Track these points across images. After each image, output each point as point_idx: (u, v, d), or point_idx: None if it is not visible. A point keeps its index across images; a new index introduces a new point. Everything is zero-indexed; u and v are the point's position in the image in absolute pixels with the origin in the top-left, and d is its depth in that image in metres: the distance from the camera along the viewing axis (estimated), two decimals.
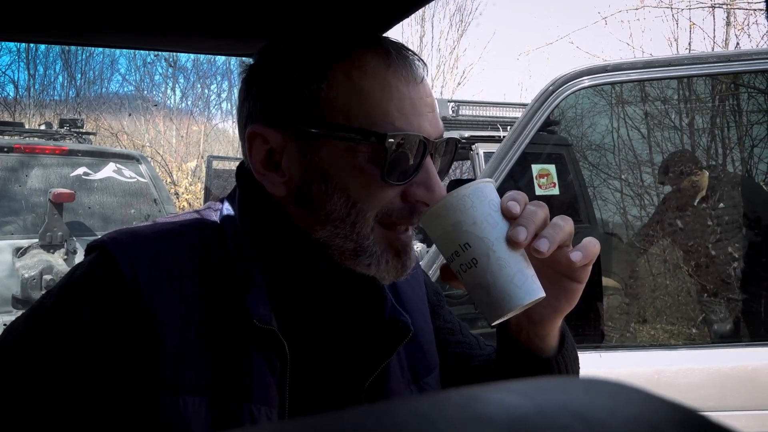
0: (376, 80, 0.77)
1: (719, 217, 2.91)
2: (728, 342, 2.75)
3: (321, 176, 0.78)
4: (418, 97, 0.78)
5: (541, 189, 3.39)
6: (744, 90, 3.05)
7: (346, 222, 0.77)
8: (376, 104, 0.76)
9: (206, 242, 0.79)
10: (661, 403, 0.20)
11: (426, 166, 0.78)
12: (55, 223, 4.73)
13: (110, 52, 15.46)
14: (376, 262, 0.78)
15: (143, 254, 0.75)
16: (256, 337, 0.74)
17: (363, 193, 0.77)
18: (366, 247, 0.78)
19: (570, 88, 2.36)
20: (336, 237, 0.78)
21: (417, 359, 0.89)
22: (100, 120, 13.27)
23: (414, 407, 0.19)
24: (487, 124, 4.84)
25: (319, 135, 0.77)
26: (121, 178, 5.55)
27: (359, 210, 0.77)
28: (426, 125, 0.78)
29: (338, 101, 0.77)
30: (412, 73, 0.79)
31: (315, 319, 0.81)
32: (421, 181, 0.78)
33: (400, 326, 0.83)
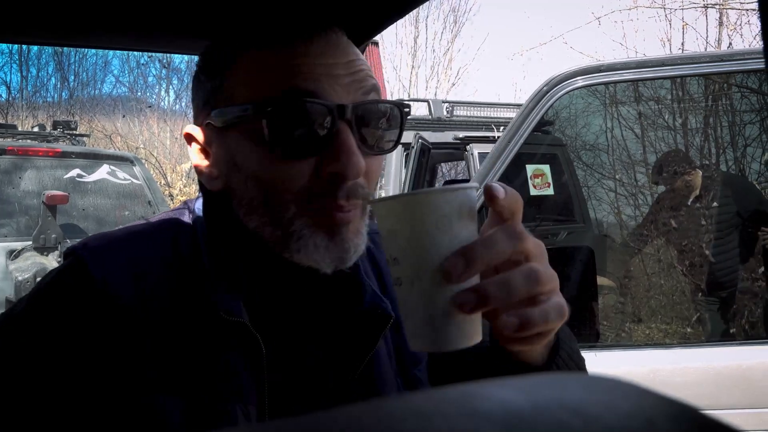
0: (271, 58, 0.74)
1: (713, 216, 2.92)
2: (722, 341, 2.76)
3: (234, 165, 0.76)
4: (321, 63, 0.73)
5: (535, 189, 3.40)
6: (737, 90, 3.07)
7: (267, 208, 0.73)
8: (266, 79, 0.73)
9: (178, 241, 0.78)
10: (657, 398, 0.20)
11: (337, 134, 0.71)
12: (48, 225, 4.70)
13: (103, 53, 15.43)
14: (305, 247, 0.72)
15: (114, 257, 0.74)
16: (227, 332, 0.72)
17: (269, 174, 0.73)
18: (292, 232, 0.73)
19: (564, 88, 2.36)
20: (264, 226, 0.74)
21: (404, 350, 0.85)
22: (94, 122, 13.25)
23: (410, 403, 0.19)
24: (481, 124, 4.85)
25: (225, 124, 0.75)
26: (115, 180, 5.53)
27: (273, 193, 0.73)
28: (331, 90, 0.72)
29: (237, 87, 0.75)
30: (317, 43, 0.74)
31: (290, 312, 0.79)
32: (331, 153, 0.71)
33: (380, 313, 0.80)
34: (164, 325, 0.72)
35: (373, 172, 0.76)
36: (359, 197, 0.72)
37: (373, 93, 0.76)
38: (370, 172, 0.75)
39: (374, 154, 0.76)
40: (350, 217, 0.73)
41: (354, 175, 0.71)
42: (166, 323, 0.72)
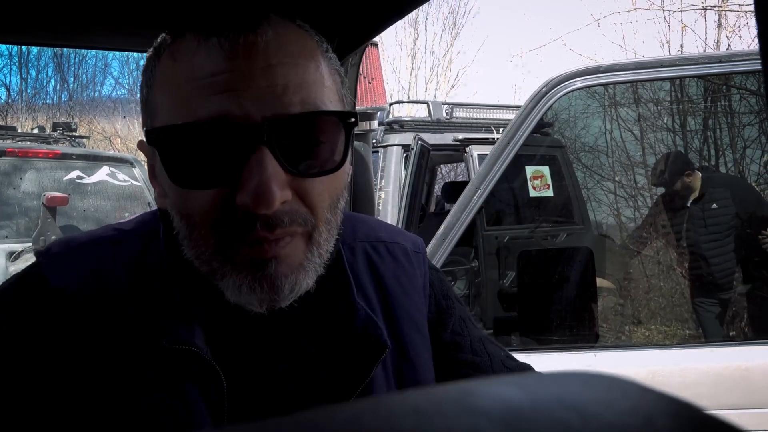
0: (177, 65, 0.64)
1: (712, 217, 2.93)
2: (722, 341, 2.76)
3: (163, 189, 0.68)
4: (228, 74, 0.61)
5: (535, 191, 3.41)
6: (736, 91, 3.07)
7: (191, 241, 0.65)
8: (171, 94, 0.64)
9: (147, 252, 0.70)
10: (656, 395, 0.20)
11: (250, 159, 0.60)
12: (48, 227, 4.71)
13: (103, 55, 15.43)
14: (227, 288, 0.64)
15: (74, 265, 0.68)
16: (184, 362, 0.64)
17: (184, 203, 0.64)
18: (216, 269, 0.64)
19: (563, 89, 2.36)
20: (194, 259, 0.66)
21: (406, 376, 0.76)
22: (94, 123, 13.25)
23: (409, 400, 0.19)
24: (480, 126, 4.85)
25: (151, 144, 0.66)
26: (115, 182, 5.53)
27: (192, 224, 0.64)
28: (239, 105, 0.60)
29: (152, 102, 0.68)
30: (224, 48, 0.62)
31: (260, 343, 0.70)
32: (243, 180, 0.60)
33: (373, 341, 0.71)
34: (120, 343, 0.65)
35: (314, 196, 0.64)
36: (286, 225, 0.62)
37: (310, 100, 0.63)
38: (308, 197, 0.64)
39: (309, 176, 0.64)
40: (278, 251, 0.63)
41: (265, 206, 0.59)
42: (122, 342, 0.65)
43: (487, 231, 3.75)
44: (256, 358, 0.70)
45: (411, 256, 0.84)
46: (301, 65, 0.64)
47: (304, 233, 0.65)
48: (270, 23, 0.65)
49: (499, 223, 3.81)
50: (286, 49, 0.64)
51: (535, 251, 2.81)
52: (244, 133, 0.60)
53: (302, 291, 0.66)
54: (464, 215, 2.36)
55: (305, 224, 0.64)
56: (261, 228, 0.61)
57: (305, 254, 0.66)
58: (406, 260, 0.83)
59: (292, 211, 0.63)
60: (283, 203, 0.61)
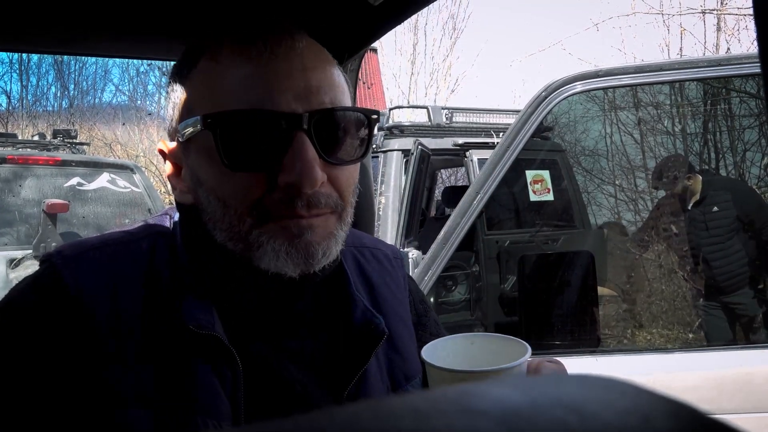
0: (222, 67, 0.72)
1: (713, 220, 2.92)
2: (723, 345, 2.76)
3: (197, 179, 0.74)
4: (272, 72, 0.70)
5: (535, 195, 3.41)
6: (735, 94, 3.07)
7: (224, 222, 0.72)
8: (215, 90, 0.71)
9: (155, 251, 0.76)
10: (653, 396, 0.20)
11: (291, 144, 0.69)
12: (49, 233, 4.71)
13: (103, 62, 15.47)
14: (265, 254, 0.70)
15: (88, 265, 0.72)
16: (200, 347, 0.70)
17: (224, 188, 0.71)
18: (251, 243, 0.71)
19: (562, 93, 2.37)
20: (227, 240, 0.72)
21: (396, 365, 0.84)
22: (94, 130, 13.27)
23: (408, 401, 0.19)
24: (480, 130, 4.85)
25: (188, 138, 0.73)
26: (116, 188, 5.53)
27: (228, 207, 0.71)
28: (283, 99, 0.69)
29: (192, 99, 0.74)
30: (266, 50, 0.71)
31: (272, 329, 0.76)
32: (286, 163, 0.68)
33: (372, 329, 0.78)
34: (137, 336, 0.69)
35: (342, 182, 0.74)
36: (321, 206, 0.71)
37: (337, 100, 0.73)
38: (338, 182, 0.73)
39: (339, 164, 0.73)
40: (313, 222, 0.71)
41: (310, 185, 0.68)
42: (139, 335, 0.70)
43: (488, 235, 3.75)
44: (269, 344, 0.75)
45: (392, 261, 0.95)
46: (328, 70, 0.74)
47: (334, 213, 0.74)
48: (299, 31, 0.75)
49: (499, 228, 3.81)
50: (317, 55, 0.74)
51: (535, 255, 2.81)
52: (289, 121, 0.69)
53: (332, 258, 0.74)
54: (464, 220, 2.37)
55: (336, 206, 0.73)
56: (300, 207, 0.69)
57: (336, 226, 0.74)
58: (388, 264, 0.93)
59: (326, 194, 0.71)
60: (321, 185, 0.70)
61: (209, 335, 0.70)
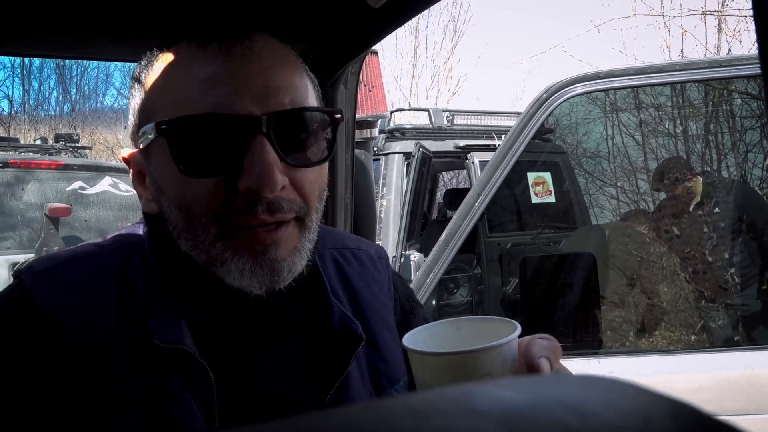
0: (176, 69, 0.70)
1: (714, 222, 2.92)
2: (726, 346, 2.75)
3: (158, 188, 0.73)
4: (228, 74, 0.68)
5: (537, 197, 3.40)
6: (737, 95, 3.07)
7: (189, 232, 0.70)
8: (171, 93, 0.69)
9: (127, 262, 0.74)
10: (654, 395, 0.20)
11: (249, 147, 0.66)
12: (51, 237, 4.72)
13: (105, 66, 15.50)
14: (230, 272, 0.69)
15: (58, 280, 0.70)
16: (171, 360, 0.68)
17: (185, 195, 0.69)
18: (215, 256, 0.69)
19: (563, 95, 2.37)
20: (192, 250, 0.71)
21: (379, 370, 0.82)
22: (96, 134, 13.30)
23: (408, 402, 0.19)
24: (482, 133, 4.85)
25: (147, 144, 0.72)
26: (117, 192, 5.54)
27: (192, 215, 0.69)
28: (240, 102, 0.67)
29: (151, 103, 0.72)
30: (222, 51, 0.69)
31: (244, 339, 0.74)
32: (245, 167, 0.66)
33: (350, 335, 0.76)
34: (110, 352, 0.68)
35: (306, 184, 0.72)
36: (284, 210, 0.69)
37: (298, 100, 0.71)
38: (300, 186, 0.71)
39: (301, 167, 0.71)
40: (278, 236, 0.69)
41: (270, 189, 0.66)
42: (112, 350, 0.68)
43: (490, 238, 3.75)
44: (242, 355, 0.73)
45: (375, 261, 0.92)
46: (289, 70, 0.72)
47: (298, 219, 0.71)
48: (259, 33, 0.73)
49: (501, 230, 3.80)
50: (276, 55, 0.72)
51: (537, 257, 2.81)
52: (246, 124, 0.67)
53: (297, 272, 0.72)
54: (466, 222, 2.36)
55: (299, 211, 0.71)
56: (262, 212, 0.67)
57: (299, 238, 0.72)
58: (371, 264, 0.91)
59: (288, 198, 0.69)
60: (282, 189, 0.68)
61: (177, 349, 0.68)
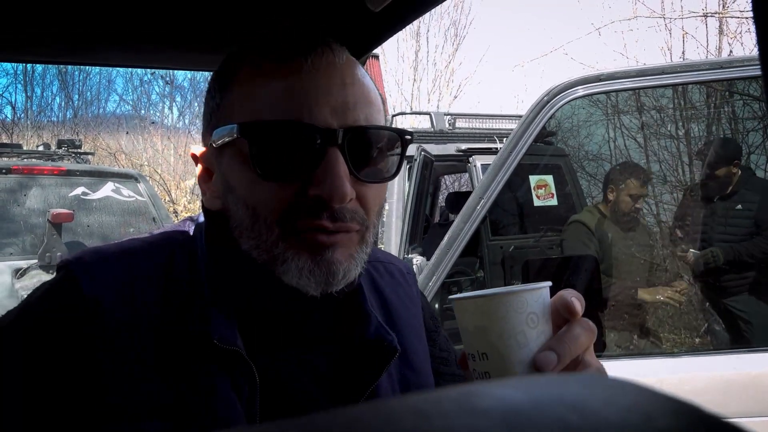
0: (261, 77, 0.73)
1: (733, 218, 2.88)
2: (731, 348, 2.74)
3: (227, 186, 0.75)
4: (311, 86, 0.71)
5: (539, 200, 3.40)
6: (739, 97, 3.07)
7: (253, 231, 0.72)
8: (254, 99, 0.73)
9: (174, 260, 0.76)
10: (655, 394, 0.20)
11: (324, 158, 0.69)
12: (54, 243, 4.72)
13: (107, 72, 15.55)
14: (289, 271, 0.71)
15: (106, 273, 0.72)
16: (220, 359, 0.70)
17: (254, 196, 0.72)
18: (277, 255, 0.71)
19: (564, 98, 2.37)
20: (253, 249, 0.73)
21: (409, 381, 0.84)
22: (98, 140, 13.32)
23: (409, 402, 0.19)
24: (483, 136, 4.86)
25: (222, 144, 0.74)
26: (120, 198, 5.55)
27: (258, 215, 0.72)
28: (320, 114, 0.70)
29: (233, 106, 0.75)
30: (307, 63, 0.72)
31: (288, 340, 0.77)
32: (317, 176, 0.70)
33: (385, 346, 0.78)
34: (155, 347, 0.69)
35: (370, 200, 0.74)
36: (347, 220, 0.71)
37: (372, 118, 0.74)
38: (365, 200, 0.74)
39: (368, 182, 0.74)
40: (337, 240, 0.72)
41: (339, 200, 0.69)
42: (157, 346, 0.70)
43: (492, 241, 3.75)
44: (284, 358, 0.76)
45: (406, 275, 0.95)
46: (366, 87, 0.76)
47: (359, 232, 0.74)
48: (340, 47, 0.76)
49: (503, 233, 3.80)
50: (355, 71, 0.75)
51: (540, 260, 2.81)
52: (324, 136, 0.70)
53: (351, 279, 0.74)
54: (468, 225, 2.36)
55: (361, 224, 0.73)
56: (325, 218, 0.70)
57: (357, 248, 0.74)
58: (402, 279, 0.94)
59: (353, 210, 0.72)
60: (349, 201, 0.71)
61: (231, 350, 0.70)
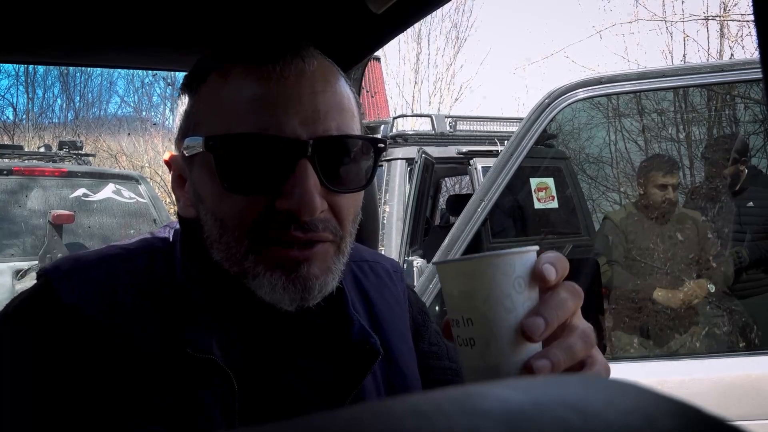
0: (230, 85, 0.71)
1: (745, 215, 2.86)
2: (731, 351, 2.74)
3: (198, 196, 0.74)
4: (279, 95, 0.69)
5: (540, 203, 3.40)
6: (740, 100, 3.07)
7: (221, 243, 0.71)
8: (221, 109, 0.71)
9: (154, 268, 0.75)
10: (656, 395, 0.20)
11: (293, 170, 0.68)
12: (54, 244, 4.72)
13: (108, 74, 15.57)
14: (262, 287, 0.70)
15: (85, 282, 0.71)
16: (198, 368, 0.69)
17: (222, 208, 0.70)
18: (247, 269, 0.70)
19: (565, 100, 2.37)
20: (224, 261, 0.72)
21: (395, 384, 0.83)
22: (99, 141, 13.33)
23: (410, 402, 0.19)
24: (484, 138, 4.86)
25: (191, 154, 0.73)
26: (121, 199, 5.55)
27: (226, 227, 0.70)
28: (288, 125, 0.68)
29: (201, 114, 0.73)
30: (275, 71, 0.70)
31: (267, 349, 0.75)
32: (287, 189, 0.68)
33: (368, 349, 0.77)
34: (133, 355, 0.68)
35: (343, 209, 0.73)
36: (319, 230, 0.70)
37: (344, 126, 0.72)
38: (338, 210, 0.72)
39: (341, 192, 0.72)
40: (312, 254, 0.70)
41: (308, 213, 0.67)
42: (136, 354, 0.68)
43: (493, 243, 3.75)
44: (265, 366, 0.74)
45: (392, 275, 0.94)
46: (338, 94, 0.73)
47: (334, 242, 0.73)
48: (312, 53, 0.74)
49: (504, 235, 3.80)
50: (326, 78, 0.73)
51: None
52: (293, 147, 0.68)
53: (327, 292, 0.73)
54: (469, 228, 2.36)
55: (335, 233, 0.72)
56: (295, 230, 0.68)
57: (333, 259, 0.73)
58: (387, 278, 0.92)
59: (325, 220, 0.71)
60: (320, 212, 0.69)
61: (207, 359, 0.69)
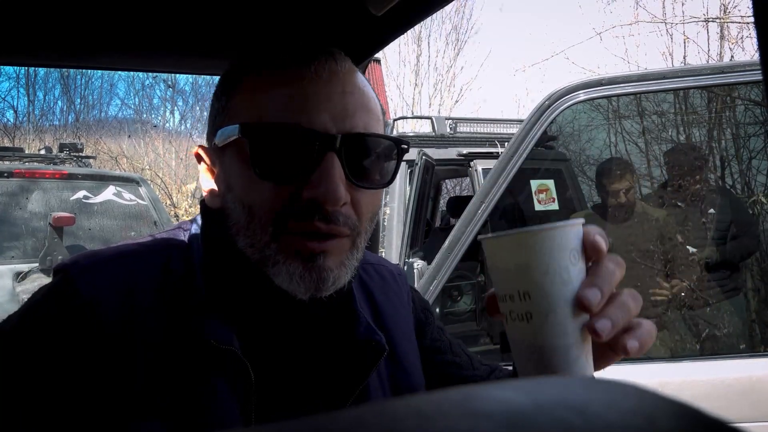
0: (265, 84, 0.75)
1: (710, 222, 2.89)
2: (732, 353, 2.74)
3: (227, 185, 0.78)
4: (312, 93, 0.73)
5: (540, 204, 3.40)
6: (740, 101, 3.07)
7: (248, 230, 0.74)
8: (257, 103, 0.75)
9: (170, 264, 0.77)
10: (657, 396, 0.20)
11: (321, 162, 0.72)
12: (55, 246, 4.72)
13: (109, 76, 15.59)
14: (280, 274, 0.73)
15: (104, 277, 0.73)
16: (216, 359, 0.71)
17: (250, 195, 0.74)
18: (268, 257, 0.73)
19: (566, 102, 2.37)
20: (247, 248, 0.75)
21: (399, 381, 0.86)
22: (100, 144, 13.34)
23: (412, 404, 0.19)
24: (485, 140, 4.86)
25: (223, 144, 0.77)
26: (121, 201, 5.56)
27: (252, 214, 0.74)
28: (319, 119, 0.73)
29: (237, 109, 0.77)
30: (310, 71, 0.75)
31: (282, 339, 0.78)
32: (313, 179, 0.72)
33: (374, 346, 0.80)
34: (152, 348, 0.71)
35: (363, 205, 0.76)
36: (339, 224, 0.73)
37: (370, 126, 0.76)
38: (359, 205, 0.75)
39: (364, 188, 0.76)
40: (329, 247, 0.73)
41: (332, 202, 0.71)
42: (154, 346, 0.71)
43: None
44: (278, 358, 0.77)
45: (396, 277, 0.98)
46: (365, 96, 0.78)
47: (350, 237, 0.75)
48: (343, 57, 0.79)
49: None
50: (356, 80, 0.78)
51: None
52: (322, 140, 0.72)
53: (340, 285, 0.76)
54: (469, 229, 2.36)
55: (353, 229, 0.75)
56: (318, 220, 0.72)
57: (348, 254, 0.76)
58: (392, 280, 0.97)
59: (346, 214, 0.74)
60: (342, 205, 0.73)
61: (227, 350, 0.71)
